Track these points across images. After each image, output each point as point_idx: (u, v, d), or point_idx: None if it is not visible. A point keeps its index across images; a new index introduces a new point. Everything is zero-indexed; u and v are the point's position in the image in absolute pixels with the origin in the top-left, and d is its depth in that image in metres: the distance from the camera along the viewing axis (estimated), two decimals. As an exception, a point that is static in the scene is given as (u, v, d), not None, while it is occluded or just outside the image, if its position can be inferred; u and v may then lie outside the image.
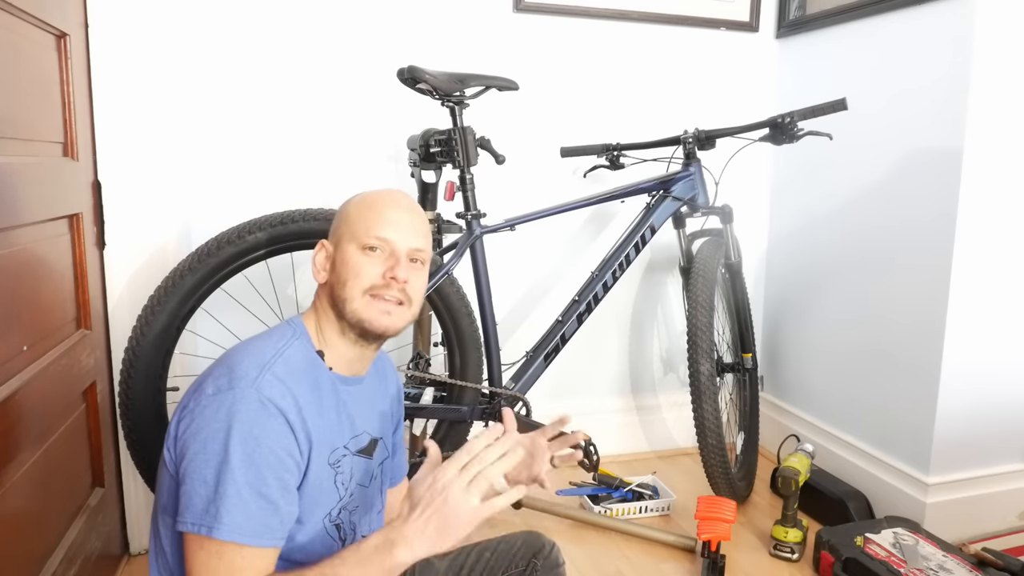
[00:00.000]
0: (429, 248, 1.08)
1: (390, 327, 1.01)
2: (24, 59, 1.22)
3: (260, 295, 1.96)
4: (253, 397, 0.89)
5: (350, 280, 1.00)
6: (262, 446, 0.88)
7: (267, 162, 1.99)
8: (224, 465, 0.86)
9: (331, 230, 1.07)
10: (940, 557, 1.62)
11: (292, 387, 0.93)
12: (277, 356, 0.95)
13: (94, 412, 1.53)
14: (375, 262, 1.01)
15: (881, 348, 1.98)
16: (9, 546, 1.10)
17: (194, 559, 0.87)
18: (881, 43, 1.96)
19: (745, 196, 2.41)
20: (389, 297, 1.01)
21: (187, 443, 0.89)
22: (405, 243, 1.02)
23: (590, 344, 2.34)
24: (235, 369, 0.92)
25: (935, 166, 1.79)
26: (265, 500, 0.88)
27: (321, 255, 1.06)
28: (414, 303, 1.04)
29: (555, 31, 2.17)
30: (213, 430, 0.87)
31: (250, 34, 1.93)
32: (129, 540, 1.74)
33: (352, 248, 1.01)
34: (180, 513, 0.88)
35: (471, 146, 1.69)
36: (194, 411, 0.90)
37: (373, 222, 1.01)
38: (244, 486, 0.86)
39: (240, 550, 0.87)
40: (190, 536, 0.87)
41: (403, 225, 1.02)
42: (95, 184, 1.59)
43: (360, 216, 1.03)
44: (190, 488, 0.87)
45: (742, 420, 2.20)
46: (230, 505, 0.85)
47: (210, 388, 0.91)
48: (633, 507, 1.98)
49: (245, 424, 0.87)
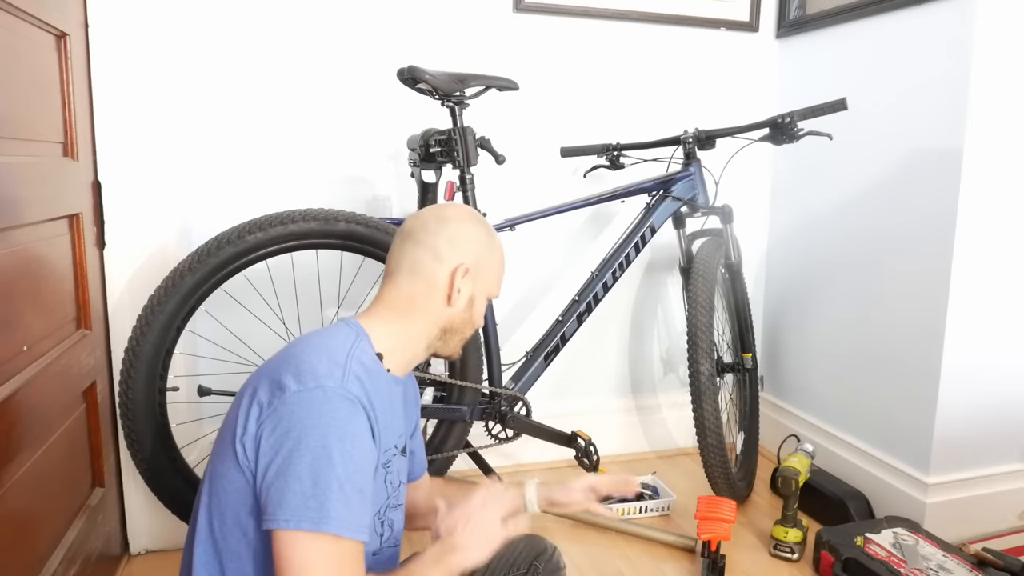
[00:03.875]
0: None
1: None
2: (24, 59, 1.22)
3: (260, 295, 1.96)
4: (342, 395, 0.90)
5: (476, 324, 1.11)
6: (357, 443, 0.90)
7: (267, 162, 1.99)
8: (324, 461, 0.86)
9: (478, 264, 1.09)
10: (940, 557, 1.62)
11: (367, 387, 0.95)
12: (351, 356, 0.96)
13: (94, 412, 1.53)
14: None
15: (881, 348, 1.98)
16: (9, 546, 1.10)
17: (291, 555, 0.86)
18: (881, 43, 1.96)
19: (745, 196, 2.41)
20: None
21: (277, 441, 0.88)
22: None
23: (590, 344, 2.34)
24: (316, 367, 0.92)
25: (935, 166, 1.79)
26: (362, 496, 0.89)
27: (468, 283, 1.07)
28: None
29: (555, 31, 2.17)
30: (306, 427, 0.87)
31: (250, 34, 1.93)
32: (129, 540, 1.74)
33: (484, 296, 1.11)
34: (271, 511, 0.86)
35: (471, 146, 1.69)
36: (279, 409, 0.89)
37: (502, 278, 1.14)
38: (345, 481, 0.87)
39: (341, 544, 0.87)
40: (284, 534, 0.86)
41: None
42: (95, 184, 1.59)
43: (500, 271, 1.13)
44: (284, 485, 0.86)
45: (742, 420, 2.20)
46: (335, 500, 0.86)
47: (294, 386, 0.90)
48: (633, 507, 1.98)
49: (340, 420, 0.89)
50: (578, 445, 1.91)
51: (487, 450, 1.93)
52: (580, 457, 1.92)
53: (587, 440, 1.91)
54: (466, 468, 2.11)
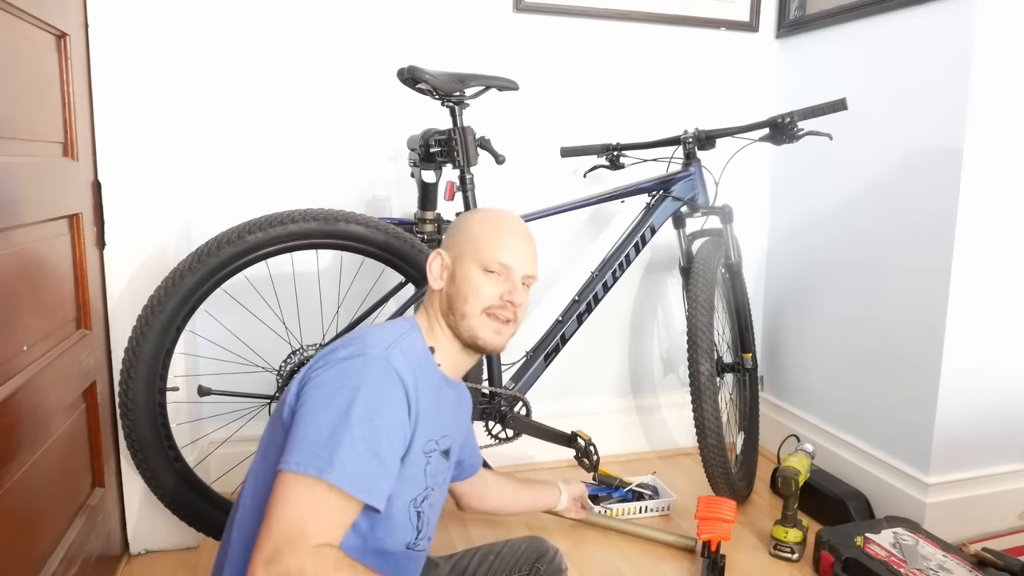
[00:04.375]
0: (537, 273, 1.18)
1: (500, 346, 1.14)
2: (24, 59, 1.22)
3: (260, 295, 1.96)
4: (382, 365, 0.96)
5: (471, 297, 1.10)
6: (383, 409, 0.94)
7: (267, 162, 1.99)
8: (344, 418, 0.91)
9: (449, 241, 1.16)
10: (940, 557, 1.62)
11: (413, 367, 1.01)
12: (402, 339, 1.04)
13: (94, 412, 1.53)
14: (494, 283, 1.11)
15: (881, 348, 1.98)
16: (9, 546, 1.10)
17: (284, 491, 0.89)
18: (881, 43, 1.96)
19: (745, 196, 2.41)
20: (501, 316, 1.12)
21: (310, 392, 0.95)
22: (522, 270, 1.13)
23: (590, 344, 2.34)
24: (367, 340, 1.00)
25: (935, 165, 1.79)
26: (377, 459, 0.92)
27: (437, 263, 1.14)
28: (518, 321, 1.16)
29: (555, 31, 2.17)
30: (338, 385, 0.94)
31: (250, 34, 1.93)
32: (129, 540, 1.74)
33: (474, 267, 1.11)
34: (285, 454, 0.91)
35: (471, 146, 1.69)
36: (322, 369, 0.97)
37: (496, 247, 1.11)
38: (359, 440, 0.91)
39: (335, 495, 0.89)
40: (288, 475, 0.90)
41: (522, 253, 1.13)
42: (95, 184, 1.59)
43: (485, 238, 1.12)
44: (300, 432, 0.91)
45: (742, 420, 2.20)
46: (344, 455, 0.89)
47: (342, 353, 0.98)
48: (633, 507, 1.98)
49: (371, 386, 0.94)
50: (578, 445, 1.91)
51: (487, 450, 1.93)
52: (580, 457, 1.92)
53: (587, 440, 1.91)
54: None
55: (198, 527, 1.59)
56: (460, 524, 1.93)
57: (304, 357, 1.58)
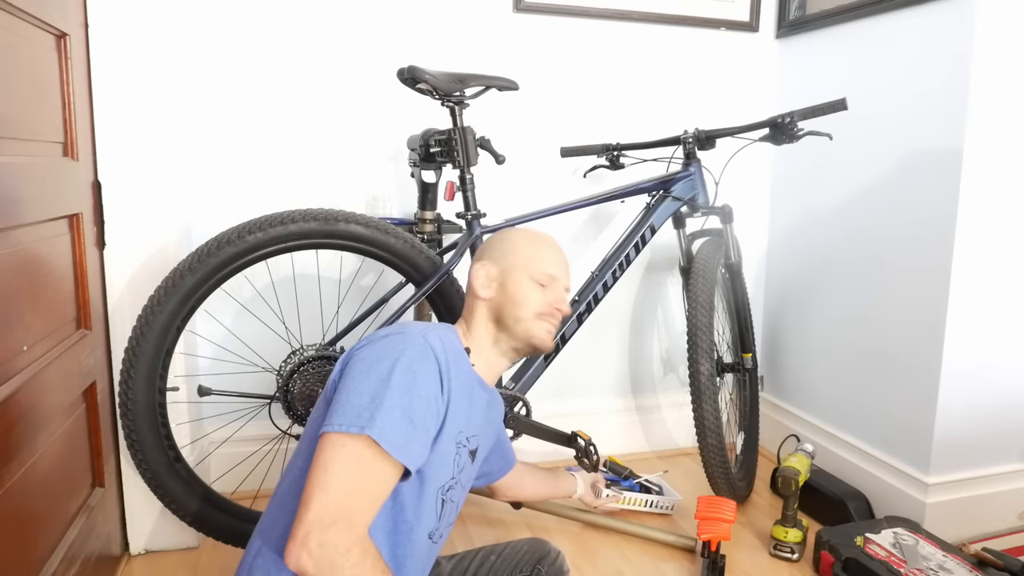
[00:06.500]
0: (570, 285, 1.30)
1: (551, 345, 1.24)
2: (24, 59, 1.22)
3: (260, 295, 1.96)
4: (420, 342, 1.03)
5: (525, 303, 1.20)
6: (418, 381, 0.99)
7: (267, 162, 1.99)
8: (384, 385, 0.97)
9: (493, 255, 1.25)
10: (940, 557, 1.62)
11: (448, 352, 1.07)
12: (440, 330, 1.10)
13: (94, 412, 1.53)
14: (543, 292, 1.22)
15: (881, 348, 1.98)
16: (9, 546, 1.10)
17: (327, 452, 0.93)
18: (881, 43, 1.96)
19: (745, 196, 2.42)
20: (552, 320, 1.23)
21: (352, 367, 1.01)
22: (564, 282, 1.27)
23: (590, 344, 2.34)
24: (406, 326, 1.08)
25: (935, 166, 1.79)
26: (412, 425, 0.97)
27: (484, 273, 1.23)
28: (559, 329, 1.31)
29: (555, 31, 2.17)
30: (378, 357, 1.00)
31: (250, 34, 1.93)
32: (129, 540, 1.74)
33: (525, 278, 1.21)
34: (328, 418, 0.95)
35: (471, 146, 1.69)
36: (363, 347, 1.04)
37: (546, 262, 1.24)
38: (396, 407, 0.96)
39: (375, 452, 0.93)
40: (330, 435, 0.94)
41: (564, 267, 1.27)
42: (95, 184, 1.59)
43: (534, 253, 1.24)
44: (344, 399, 0.97)
45: (742, 420, 2.20)
46: (384, 415, 0.94)
47: (382, 333, 1.06)
48: (640, 499, 1.98)
49: (409, 359, 1.00)
50: (578, 445, 1.91)
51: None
52: (580, 457, 1.92)
53: (587, 440, 1.91)
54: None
55: (198, 527, 1.59)
56: (460, 524, 1.93)
57: (304, 357, 1.58)
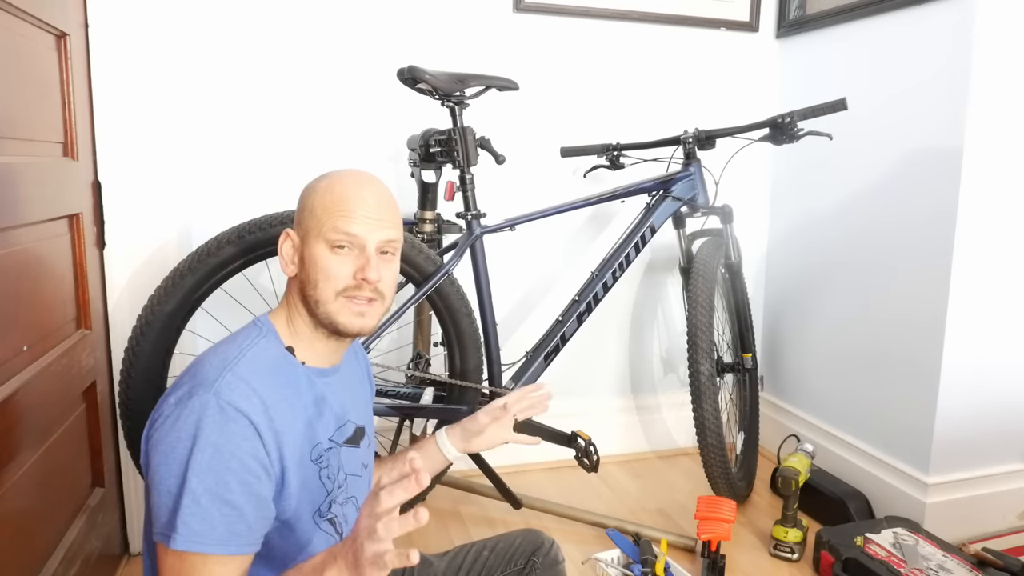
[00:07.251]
0: (400, 235, 1.02)
1: (365, 327, 0.99)
2: (24, 59, 1.22)
3: (260, 295, 1.96)
4: (212, 404, 0.86)
5: (321, 282, 0.96)
6: (222, 452, 0.85)
7: (267, 162, 1.99)
8: (184, 475, 0.84)
9: (296, 218, 1.01)
10: (940, 557, 1.62)
11: (257, 387, 0.90)
12: (240, 356, 0.92)
13: (94, 412, 1.53)
14: (345, 261, 0.96)
15: (881, 348, 1.98)
16: (9, 546, 1.10)
17: (161, 566, 0.87)
18: (881, 43, 1.96)
19: (745, 196, 2.41)
20: (361, 298, 0.97)
21: (151, 455, 0.87)
22: (374, 238, 0.97)
23: (590, 344, 2.34)
24: (197, 375, 0.89)
25: (935, 165, 1.79)
26: (229, 506, 0.85)
27: (288, 246, 1.00)
28: (387, 297, 1.01)
29: (555, 31, 2.17)
30: (174, 440, 0.85)
31: (250, 34, 1.93)
32: (129, 540, 1.74)
33: (320, 246, 0.96)
34: (152, 522, 0.88)
35: (471, 146, 1.68)
36: (157, 423, 0.88)
37: (339, 217, 0.95)
38: (203, 494, 0.84)
39: (201, 558, 0.84)
40: (160, 545, 0.87)
41: (371, 218, 0.96)
42: (95, 184, 1.59)
43: (325, 209, 0.96)
44: (156, 499, 0.86)
45: (742, 420, 2.20)
46: (186, 515, 0.83)
47: (172, 398, 0.89)
48: None
49: (205, 432, 0.85)
50: (578, 445, 1.90)
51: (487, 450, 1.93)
52: (580, 457, 1.91)
53: (587, 440, 1.90)
54: (467, 468, 2.11)
55: (198, 527, 1.59)
56: (460, 524, 1.93)
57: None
